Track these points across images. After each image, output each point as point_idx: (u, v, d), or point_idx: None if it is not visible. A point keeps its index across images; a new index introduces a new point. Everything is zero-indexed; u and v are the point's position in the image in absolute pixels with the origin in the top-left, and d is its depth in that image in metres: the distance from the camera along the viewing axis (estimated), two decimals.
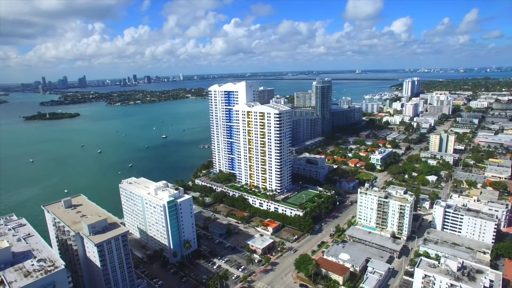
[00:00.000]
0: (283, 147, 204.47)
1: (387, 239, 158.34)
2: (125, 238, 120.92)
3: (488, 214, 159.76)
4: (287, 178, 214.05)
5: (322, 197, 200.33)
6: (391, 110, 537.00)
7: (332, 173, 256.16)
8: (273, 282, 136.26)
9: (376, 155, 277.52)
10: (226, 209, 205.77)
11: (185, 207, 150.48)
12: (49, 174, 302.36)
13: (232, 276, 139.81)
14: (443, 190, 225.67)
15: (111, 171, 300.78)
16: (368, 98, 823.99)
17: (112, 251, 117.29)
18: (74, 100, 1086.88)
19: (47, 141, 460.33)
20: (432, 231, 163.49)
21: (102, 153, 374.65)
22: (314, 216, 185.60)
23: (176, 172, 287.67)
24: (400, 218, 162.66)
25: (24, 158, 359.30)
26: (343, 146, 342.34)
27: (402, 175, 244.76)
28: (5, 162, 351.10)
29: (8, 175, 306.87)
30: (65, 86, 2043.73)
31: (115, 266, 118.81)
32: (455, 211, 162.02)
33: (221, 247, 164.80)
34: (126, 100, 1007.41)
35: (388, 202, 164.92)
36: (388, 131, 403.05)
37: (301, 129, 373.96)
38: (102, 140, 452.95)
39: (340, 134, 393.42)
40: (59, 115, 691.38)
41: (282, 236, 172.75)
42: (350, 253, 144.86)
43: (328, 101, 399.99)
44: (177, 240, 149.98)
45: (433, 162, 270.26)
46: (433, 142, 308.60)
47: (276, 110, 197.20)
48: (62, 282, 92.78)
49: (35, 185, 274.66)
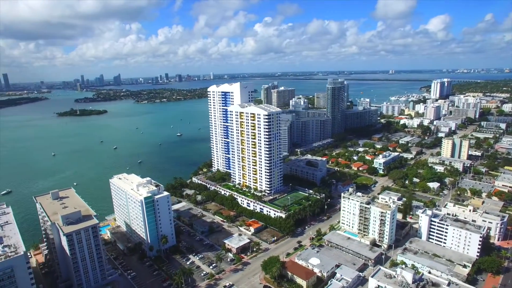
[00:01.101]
0: (273, 148, 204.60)
1: (364, 246, 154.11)
2: (95, 229, 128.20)
3: (476, 225, 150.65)
4: (278, 179, 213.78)
5: (310, 200, 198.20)
6: (412, 113, 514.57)
7: (331, 176, 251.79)
8: (239, 281, 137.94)
9: (379, 159, 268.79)
10: (216, 208, 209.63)
11: (163, 204, 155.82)
12: (66, 167, 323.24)
13: (201, 273, 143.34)
14: (444, 198, 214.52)
15: (121, 166, 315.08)
16: (393, 99, 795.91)
17: (82, 241, 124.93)
18: (106, 97, 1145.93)
19: (72, 136, 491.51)
20: (415, 240, 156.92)
21: (117, 149, 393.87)
22: (298, 219, 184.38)
23: (181, 169, 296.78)
24: (381, 225, 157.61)
25: (48, 152, 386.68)
26: (352, 149, 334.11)
27: (403, 181, 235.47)
28: (31, 154, 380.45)
29: (31, 167, 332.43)
30: (101, 84, 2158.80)
31: (84, 256, 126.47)
32: (440, 221, 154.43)
33: (200, 244, 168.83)
34: (153, 98, 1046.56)
35: (369, 208, 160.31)
36: (403, 135, 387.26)
37: (310, 130, 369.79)
38: (121, 136, 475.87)
39: (352, 137, 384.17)
40: (88, 111, 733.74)
41: (262, 237, 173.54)
42: (321, 258, 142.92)
43: (340, 103, 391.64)
44: (154, 234, 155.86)
45: (440, 168, 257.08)
46: (445, 147, 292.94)
47: (265, 111, 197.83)
48: (21, 267, 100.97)
49: (51, 177, 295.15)
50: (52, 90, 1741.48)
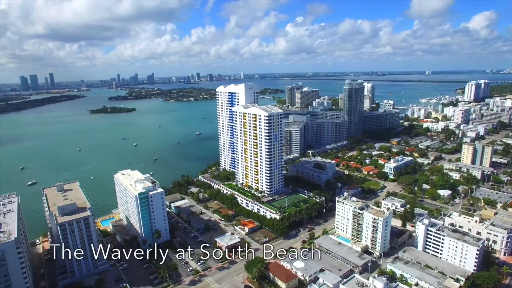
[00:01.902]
0: (273, 149, 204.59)
1: (354, 253, 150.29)
2: (87, 221, 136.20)
3: (475, 238, 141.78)
4: (279, 181, 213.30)
5: (308, 202, 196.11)
6: (439, 116, 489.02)
7: (337, 179, 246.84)
8: (223, 279, 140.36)
9: (390, 163, 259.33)
10: (217, 206, 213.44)
11: (156, 200, 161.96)
12: (87, 162, 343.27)
13: (188, 268, 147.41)
14: (454, 207, 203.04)
15: (137, 163, 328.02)
16: (423, 101, 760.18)
17: (74, 231, 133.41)
18: (138, 96, 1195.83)
19: (98, 132, 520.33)
20: (410, 250, 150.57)
21: (137, 146, 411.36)
22: (294, 221, 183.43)
23: (193, 167, 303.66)
24: (373, 232, 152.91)
25: (75, 146, 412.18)
26: (366, 152, 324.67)
27: (412, 187, 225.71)
28: (60, 148, 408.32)
29: (58, 160, 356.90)
30: (136, 82, 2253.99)
31: (76, 245, 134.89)
32: (437, 231, 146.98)
33: (194, 241, 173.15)
34: (180, 97, 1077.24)
35: (362, 214, 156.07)
36: (424, 139, 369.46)
37: (325, 132, 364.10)
38: (143, 133, 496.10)
39: (369, 140, 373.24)
40: (118, 109, 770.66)
41: (255, 237, 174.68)
42: (307, 262, 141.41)
43: (358, 104, 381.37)
44: (148, 229, 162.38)
45: (456, 175, 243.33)
46: (465, 153, 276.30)
47: (265, 113, 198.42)
48: (11, 251, 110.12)
49: (73, 170, 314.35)
50: (90, 88, 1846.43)
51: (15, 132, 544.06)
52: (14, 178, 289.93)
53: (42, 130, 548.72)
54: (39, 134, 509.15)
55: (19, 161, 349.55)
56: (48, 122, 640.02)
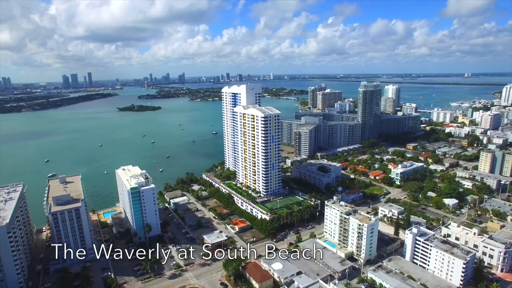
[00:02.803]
0: (270, 150, 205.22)
1: (336, 258, 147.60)
2: (78, 212, 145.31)
3: (464, 250, 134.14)
4: (276, 182, 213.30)
5: (302, 205, 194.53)
6: (465, 121, 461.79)
7: (339, 182, 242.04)
8: (202, 275, 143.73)
9: (397, 168, 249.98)
10: (215, 204, 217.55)
11: (148, 195, 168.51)
12: (105, 157, 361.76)
13: (172, 263, 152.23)
14: (459, 217, 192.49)
15: (150, 159, 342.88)
16: (454, 105, 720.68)
17: (65, 220, 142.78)
18: (166, 95, 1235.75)
19: (121, 129, 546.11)
20: (396, 259, 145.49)
21: (154, 143, 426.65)
22: (286, 223, 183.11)
23: (202, 165, 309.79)
24: (358, 239, 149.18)
25: (98, 141, 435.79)
26: (378, 156, 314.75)
27: (417, 194, 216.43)
28: (84, 143, 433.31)
29: (80, 154, 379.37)
30: (167, 82, 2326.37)
31: (68, 233, 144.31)
32: (425, 241, 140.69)
33: (184, 236, 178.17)
34: (206, 97, 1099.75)
35: (348, 219, 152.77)
36: (443, 144, 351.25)
37: (337, 135, 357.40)
38: (162, 131, 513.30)
39: (384, 144, 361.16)
40: (144, 107, 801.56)
41: (244, 236, 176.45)
42: (285, 264, 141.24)
43: (374, 107, 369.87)
44: (139, 222, 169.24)
45: (468, 184, 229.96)
46: (483, 161, 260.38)
47: (262, 113, 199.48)
48: (2, 236, 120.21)
49: (91, 164, 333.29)
50: (124, 87, 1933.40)
51: (49, 127, 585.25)
52: (37, 170, 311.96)
53: (72, 125, 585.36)
54: (69, 130, 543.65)
55: (45, 154, 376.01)
56: (79, 118, 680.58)
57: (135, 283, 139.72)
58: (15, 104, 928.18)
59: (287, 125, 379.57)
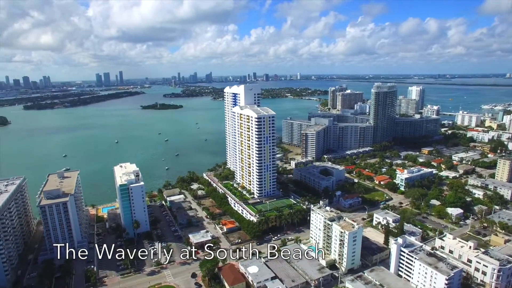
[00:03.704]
0: (264, 152, 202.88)
1: (315, 266, 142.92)
2: (65, 205, 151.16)
3: (450, 265, 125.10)
4: (270, 184, 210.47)
5: (293, 208, 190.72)
6: (493, 125, 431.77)
7: (341, 187, 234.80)
8: (179, 274, 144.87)
9: (403, 174, 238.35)
10: (210, 204, 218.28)
11: (137, 192, 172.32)
12: (118, 153, 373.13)
13: (154, 260, 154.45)
14: (462, 228, 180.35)
15: (159, 157, 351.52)
16: (486, 108, 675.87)
17: (53, 213, 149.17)
18: (191, 93, 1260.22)
19: (141, 126, 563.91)
20: (378, 269, 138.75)
21: (167, 141, 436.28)
22: (274, 226, 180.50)
23: (207, 164, 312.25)
24: (340, 246, 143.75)
25: (115, 138, 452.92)
26: (389, 160, 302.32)
27: (419, 202, 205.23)
28: (100, 140, 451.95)
29: (96, 149, 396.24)
30: (195, 80, 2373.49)
31: (55, 226, 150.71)
32: (410, 253, 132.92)
33: (171, 234, 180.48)
34: None
35: (331, 226, 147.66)
36: (461, 149, 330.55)
37: (348, 137, 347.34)
38: (178, 129, 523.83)
39: (398, 147, 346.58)
40: (166, 106, 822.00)
41: (231, 237, 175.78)
42: (262, 268, 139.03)
43: (389, 109, 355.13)
44: (128, 218, 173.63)
45: (479, 193, 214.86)
46: (500, 169, 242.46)
47: (256, 114, 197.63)
48: None
49: (103, 160, 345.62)
50: (152, 86, 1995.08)
51: (74, 123, 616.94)
52: (54, 164, 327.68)
53: (96, 122, 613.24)
54: (91, 126, 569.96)
55: (65, 148, 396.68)
56: (104, 115, 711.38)
57: (115, 278, 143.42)
58: (50, 102, 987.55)
59: (297, 126, 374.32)
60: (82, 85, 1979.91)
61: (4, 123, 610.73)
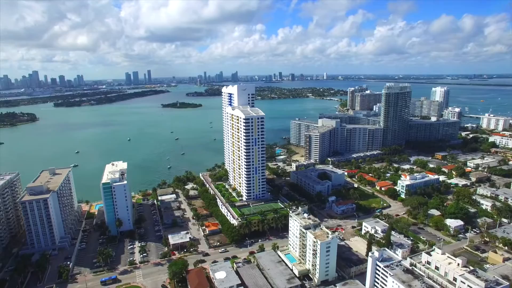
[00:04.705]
0: (252, 154, 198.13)
1: (285, 275, 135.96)
2: (45, 202, 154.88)
3: (427, 284, 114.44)
4: (259, 187, 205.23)
5: (278, 213, 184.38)
6: None
7: (337, 192, 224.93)
8: (150, 275, 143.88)
9: (405, 180, 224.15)
10: (200, 204, 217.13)
11: (119, 191, 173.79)
12: (128, 151, 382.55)
13: (128, 258, 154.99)
14: (460, 242, 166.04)
15: (164, 155, 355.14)
16: None
17: (34, 209, 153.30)
18: (213, 92, 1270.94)
19: (156, 124, 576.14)
20: (353, 283, 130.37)
21: (178, 140, 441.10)
22: (257, 230, 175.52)
23: (210, 164, 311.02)
24: (313, 256, 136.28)
25: (129, 136, 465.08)
26: (397, 165, 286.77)
27: (416, 211, 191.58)
28: (114, 137, 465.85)
29: (108, 146, 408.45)
30: (220, 80, 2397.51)
31: (36, 222, 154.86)
32: (385, 267, 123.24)
33: (153, 234, 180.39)
34: None
35: (306, 234, 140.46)
36: (479, 155, 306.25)
37: (356, 139, 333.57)
38: (190, 128, 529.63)
39: (411, 151, 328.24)
40: (186, 104, 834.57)
41: (211, 240, 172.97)
42: (230, 275, 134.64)
43: (401, 110, 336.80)
44: (111, 216, 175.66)
45: (487, 204, 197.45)
46: None
47: (244, 115, 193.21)
48: None
49: (112, 158, 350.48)
50: (179, 84, 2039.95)
51: (94, 120, 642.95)
52: (64, 160, 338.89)
53: (115, 119, 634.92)
54: (110, 123, 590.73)
55: (79, 144, 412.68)
56: (124, 113, 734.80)
57: (88, 275, 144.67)
58: (78, 99, 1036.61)
59: (305, 127, 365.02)
60: (112, 84, 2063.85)
61: (33, 119, 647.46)
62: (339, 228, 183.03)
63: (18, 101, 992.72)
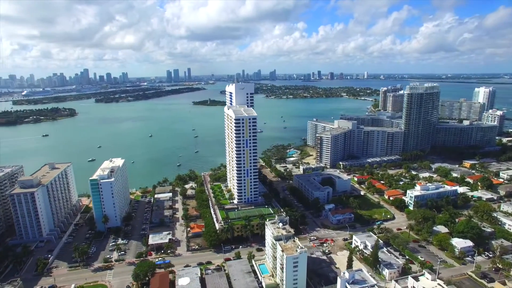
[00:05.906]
0: (243, 156, 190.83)
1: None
2: (32, 196, 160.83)
3: None
4: (251, 190, 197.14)
5: (264, 219, 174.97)
6: None
7: (336, 199, 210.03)
8: (120, 274, 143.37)
9: (414, 190, 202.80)
10: (195, 204, 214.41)
11: (106, 188, 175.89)
12: (147, 147, 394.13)
13: (105, 255, 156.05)
14: (465, 266, 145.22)
15: (178, 152, 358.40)
16: None
17: (21, 202, 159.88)
18: None
19: (181, 120, 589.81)
20: None
21: (197, 138, 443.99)
22: (240, 235, 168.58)
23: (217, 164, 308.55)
24: (281, 271, 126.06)
25: (153, 131, 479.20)
26: (414, 172, 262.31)
27: (420, 226, 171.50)
28: (138, 132, 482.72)
29: (129, 143, 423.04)
30: (258, 78, 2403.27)
31: (24, 215, 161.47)
32: None
33: (138, 232, 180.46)
34: (281, 94, 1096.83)
35: (276, 245, 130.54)
36: None
37: (373, 142, 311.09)
38: (212, 125, 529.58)
39: (435, 157, 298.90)
40: (216, 102, 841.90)
41: (192, 242, 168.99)
42: (193, 281, 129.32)
43: (422, 113, 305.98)
44: (98, 212, 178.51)
45: (509, 224, 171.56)
46: None
47: (234, 115, 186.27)
48: None
49: (130, 153, 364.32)
50: (217, 82, 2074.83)
51: (126, 115, 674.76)
52: (85, 154, 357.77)
53: (145, 115, 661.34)
54: (139, 118, 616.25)
55: (103, 139, 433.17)
56: (156, 109, 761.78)
57: (63, 269, 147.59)
58: (117, 96, 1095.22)
59: (321, 128, 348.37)
60: (154, 81, 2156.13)
61: (72, 114, 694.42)
62: (328, 239, 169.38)
63: (66, 97, 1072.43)
